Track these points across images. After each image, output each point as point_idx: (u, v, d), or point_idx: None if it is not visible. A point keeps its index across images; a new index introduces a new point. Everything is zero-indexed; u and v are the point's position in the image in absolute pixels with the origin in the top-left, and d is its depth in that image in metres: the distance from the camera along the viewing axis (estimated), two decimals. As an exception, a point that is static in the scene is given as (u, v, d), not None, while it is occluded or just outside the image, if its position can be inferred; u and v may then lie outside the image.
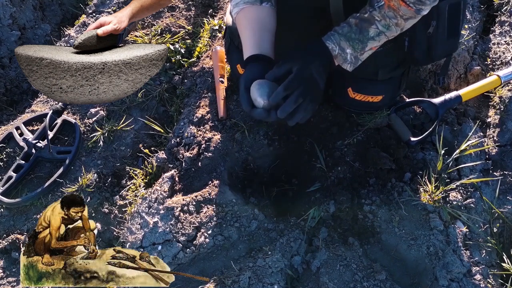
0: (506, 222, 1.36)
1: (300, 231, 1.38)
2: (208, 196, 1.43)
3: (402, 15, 1.23)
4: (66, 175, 1.61)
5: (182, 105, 1.76)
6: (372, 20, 1.25)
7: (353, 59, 1.28)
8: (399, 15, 1.23)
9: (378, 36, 1.26)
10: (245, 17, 1.33)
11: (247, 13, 1.33)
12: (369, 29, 1.25)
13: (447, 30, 1.42)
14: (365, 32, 1.25)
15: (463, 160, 1.46)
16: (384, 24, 1.25)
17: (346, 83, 1.52)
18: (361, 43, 1.26)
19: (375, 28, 1.25)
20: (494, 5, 1.96)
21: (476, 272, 1.25)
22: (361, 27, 1.26)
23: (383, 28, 1.25)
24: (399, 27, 1.26)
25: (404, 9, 1.21)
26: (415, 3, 1.20)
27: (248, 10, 1.32)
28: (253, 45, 1.29)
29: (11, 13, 2.12)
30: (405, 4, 1.21)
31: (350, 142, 1.54)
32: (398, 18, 1.24)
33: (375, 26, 1.25)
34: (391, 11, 1.23)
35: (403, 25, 1.26)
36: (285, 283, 1.27)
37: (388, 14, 1.23)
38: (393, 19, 1.24)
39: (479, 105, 1.68)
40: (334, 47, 1.26)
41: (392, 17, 1.24)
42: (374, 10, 1.25)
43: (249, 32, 1.31)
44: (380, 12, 1.24)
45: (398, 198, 1.39)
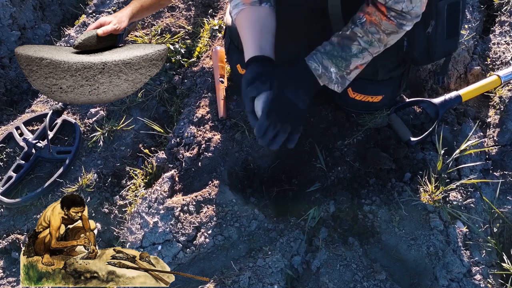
0: (506, 222, 1.36)
1: (300, 231, 1.38)
2: (208, 196, 1.43)
3: (384, 30, 1.22)
4: (66, 175, 1.61)
5: (182, 105, 1.76)
6: (354, 36, 1.24)
7: (339, 78, 1.28)
8: (381, 30, 1.22)
9: (361, 53, 1.25)
10: (245, 18, 1.33)
11: (247, 14, 1.33)
12: (351, 46, 1.25)
13: (447, 29, 1.41)
14: (347, 49, 1.25)
15: (463, 160, 1.46)
16: (367, 40, 1.24)
17: None
18: (344, 61, 1.26)
19: (358, 45, 1.25)
20: (494, 5, 1.96)
21: (476, 272, 1.25)
22: (343, 44, 1.25)
23: (366, 44, 1.24)
24: (382, 43, 1.25)
25: (386, 23, 1.21)
26: (396, 17, 1.20)
27: (247, 11, 1.32)
28: (254, 46, 1.29)
29: (11, 13, 2.12)
30: (386, 18, 1.20)
31: (350, 142, 1.54)
32: (380, 33, 1.23)
33: (357, 43, 1.24)
34: (373, 26, 1.23)
35: (386, 40, 1.25)
36: (285, 283, 1.27)
37: (370, 29, 1.23)
38: (375, 35, 1.23)
39: (479, 105, 1.68)
40: (317, 66, 1.26)
41: (374, 32, 1.23)
42: (356, 26, 1.24)
43: (250, 33, 1.31)
44: (362, 28, 1.23)
45: (398, 198, 1.39)
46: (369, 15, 1.22)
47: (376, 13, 1.21)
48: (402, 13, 1.18)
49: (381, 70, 1.46)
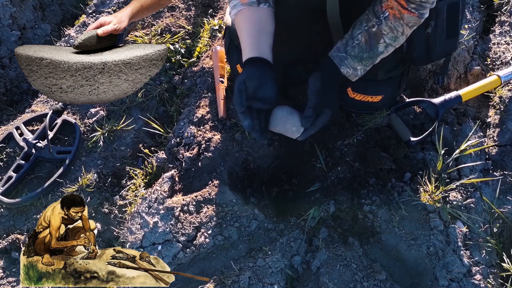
0: (506, 222, 1.36)
1: (300, 231, 1.38)
2: (208, 196, 1.43)
3: (407, 22, 1.23)
4: (66, 175, 1.61)
5: (182, 105, 1.76)
6: (380, 34, 1.26)
7: (362, 72, 1.34)
8: (404, 23, 1.23)
9: (386, 48, 1.29)
10: (243, 19, 1.33)
11: (245, 15, 1.33)
12: (378, 45, 1.28)
13: (446, 29, 1.42)
14: (375, 49, 1.29)
15: (463, 160, 1.46)
16: (392, 36, 1.26)
17: (346, 83, 1.52)
18: (371, 59, 1.31)
19: (383, 43, 1.28)
20: (494, 5, 1.96)
21: (476, 272, 1.25)
22: (370, 44, 1.28)
23: (391, 40, 1.27)
24: (405, 35, 1.28)
25: (408, 16, 1.22)
26: (417, 8, 1.20)
27: (246, 11, 1.32)
28: (251, 47, 1.29)
29: (11, 13, 2.12)
30: (408, 11, 1.21)
31: (350, 142, 1.54)
32: (404, 26, 1.24)
33: (383, 41, 1.27)
34: (397, 20, 1.23)
35: (408, 32, 1.27)
36: (285, 283, 1.27)
37: (395, 24, 1.24)
38: (399, 29, 1.25)
39: (479, 105, 1.68)
40: (348, 71, 1.33)
41: (398, 26, 1.24)
42: (381, 23, 1.25)
43: (248, 34, 1.31)
44: (387, 24, 1.24)
45: (398, 198, 1.39)
46: (391, 9, 1.22)
47: (396, 7, 1.22)
48: (421, 3, 1.19)
49: (381, 70, 1.46)
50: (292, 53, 1.48)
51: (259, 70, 1.27)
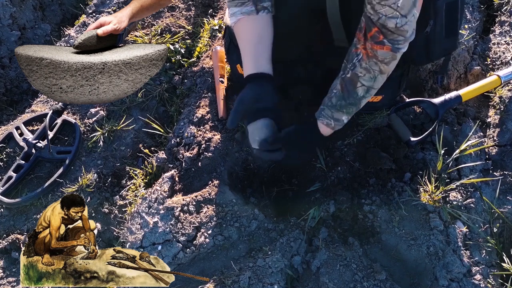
0: (506, 222, 1.36)
1: (300, 231, 1.38)
2: (208, 196, 1.43)
3: (382, 59, 1.19)
4: (66, 175, 1.61)
5: (182, 105, 1.76)
6: (356, 78, 1.23)
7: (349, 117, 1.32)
8: (379, 61, 1.19)
9: (367, 92, 1.25)
10: (242, 29, 1.33)
11: (244, 25, 1.32)
12: (356, 89, 1.24)
13: (445, 28, 1.41)
14: (354, 95, 1.25)
15: (463, 160, 1.46)
16: (369, 77, 1.22)
17: None
18: (354, 106, 1.27)
19: (361, 86, 1.24)
20: (494, 5, 1.96)
21: (476, 272, 1.25)
22: (347, 90, 1.25)
23: (369, 82, 1.23)
24: (385, 73, 1.23)
25: (381, 52, 1.17)
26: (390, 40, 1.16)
27: (244, 21, 1.31)
28: (250, 63, 1.30)
29: (11, 13, 2.12)
30: (379, 45, 1.16)
31: (350, 142, 1.54)
32: (379, 64, 1.20)
33: (360, 84, 1.23)
34: (371, 59, 1.20)
35: (387, 70, 1.22)
36: (285, 283, 1.27)
37: (369, 64, 1.20)
38: (375, 68, 1.21)
39: (479, 105, 1.68)
40: (328, 121, 1.31)
41: (373, 65, 1.20)
42: (355, 66, 1.22)
43: (247, 49, 1.32)
44: (362, 65, 1.21)
45: (398, 198, 1.39)
46: (365, 49, 1.19)
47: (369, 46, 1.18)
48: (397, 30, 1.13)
49: None
50: (292, 53, 1.48)
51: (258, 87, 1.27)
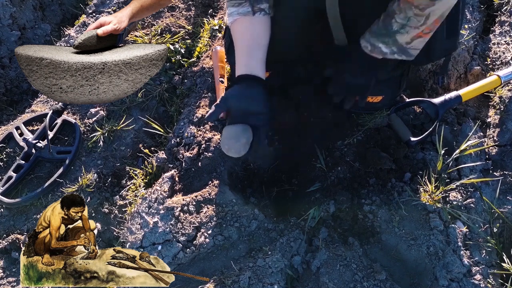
0: (506, 222, 1.36)
1: (300, 231, 1.38)
2: (208, 196, 1.43)
3: (417, 5, 1.20)
4: (66, 175, 1.61)
5: (182, 105, 1.76)
6: (392, 14, 1.26)
7: (394, 49, 1.32)
8: (413, 5, 1.21)
9: (402, 28, 1.27)
10: (238, 30, 1.34)
11: (240, 25, 1.33)
12: (391, 23, 1.27)
13: (446, 29, 1.41)
14: (389, 27, 1.28)
15: (463, 160, 1.46)
16: (404, 17, 1.24)
17: None
18: (389, 37, 1.29)
19: (396, 22, 1.26)
20: (494, 5, 1.96)
21: (476, 272, 1.25)
22: (384, 21, 1.28)
23: (403, 20, 1.25)
24: (421, 17, 1.23)
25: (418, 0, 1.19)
26: None
27: (241, 22, 1.32)
28: (242, 64, 1.30)
29: (11, 13, 2.12)
30: None
31: (350, 142, 1.54)
32: (413, 9, 1.21)
33: (395, 20, 1.26)
34: (406, 3, 1.22)
35: (423, 15, 1.22)
36: (285, 283, 1.27)
37: (405, 6, 1.22)
38: (409, 12, 1.22)
39: (479, 105, 1.68)
40: (365, 44, 1.34)
41: (408, 9, 1.22)
42: (393, 3, 1.25)
43: (240, 48, 1.32)
44: (399, 6, 1.24)
45: (398, 198, 1.39)
46: None
47: None
48: None
49: (380, 71, 1.46)
50: (292, 53, 1.48)
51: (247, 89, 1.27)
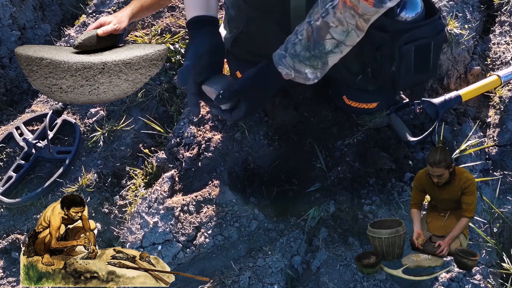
0: (506, 222, 1.36)
1: (300, 231, 1.38)
2: (208, 196, 1.43)
3: (362, 14, 1.00)
4: (66, 175, 1.61)
5: (182, 105, 1.76)
6: (326, 28, 1.03)
7: (317, 74, 1.13)
8: (358, 13, 1.00)
9: (337, 47, 1.06)
10: None
11: None
12: (324, 41, 1.05)
13: (415, 66, 1.29)
14: (320, 47, 1.05)
15: (463, 160, 1.46)
16: (342, 31, 1.03)
17: (341, 91, 1.52)
18: (319, 60, 1.08)
19: (331, 39, 1.04)
20: (494, 5, 1.96)
21: (476, 272, 1.25)
22: (313, 40, 1.05)
23: (341, 36, 1.04)
24: (361, 30, 1.04)
25: (364, 5, 0.98)
26: None
27: None
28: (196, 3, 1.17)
29: (11, 13, 2.12)
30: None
31: (350, 142, 1.54)
32: (356, 18, 1.01)
33: (330, 36, 1.04)
34: (347, 10, 1.00)
35: (364, 27, 1.04)
36: (285, 283, 1.27)
37: (345, 15, 1.01)
38: (350, 21, 1.01)
39: (479, 105, 1.68)
40: (289, 72, 1.11)
41: (349, 18, 1.01)
42: (327, 14, 1.02)
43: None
44: (335, 15, 1.01)
45: (398, 198, 1.39)
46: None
47: None
48: None
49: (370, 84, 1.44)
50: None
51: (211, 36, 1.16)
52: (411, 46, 1.26)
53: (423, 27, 1.26)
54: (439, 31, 1.28)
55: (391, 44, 1.24)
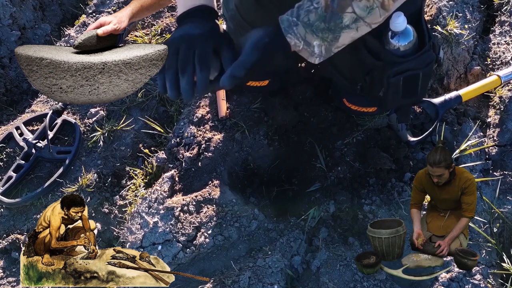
0: (506, 222, 1.36)
1: (300, 231, 1.38)
2: (208, 196, 1.43)
3: None
4: (66, 175, 1.61)
5: (182, 105, 1.76)
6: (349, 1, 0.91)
7: (322, 51, 0.98)
8: None
9: (355, 23, 0.94)
10: None
11: None
12: (343, 14, 0.92)
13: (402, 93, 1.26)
14: (337, 20, 0.93)
15: (463, 160, 1.46)
16: (366, 6, 0.92)
17: (341, 93, 1.52)
18: (331, 33, 0.95)
19: (351, 13, 0.92)
20: (494, 5, 1.96)
21: (476, 272, 1.25)
22: (332, 11, 0.92)
23: (363, 11, 0.92)
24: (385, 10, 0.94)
25: None
26: None
27: None
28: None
29: (11, 13, 2.12)
30: None
31: (350, 142, 1.54)
32: None
33: (351, 10, 0.92)
34: None
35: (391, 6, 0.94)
36: (285, 283, 1.27)
37: None
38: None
39: (479, 105, 1.68)
40: (298, 43, 0.97)
41: None
42: None
43: None
44: None
45: (398, 198, 1.39)
46: None
47: None
48: None
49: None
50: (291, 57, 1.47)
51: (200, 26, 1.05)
52: (399, 77, 1.22)
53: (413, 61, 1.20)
54: (429, 62, 1.22)
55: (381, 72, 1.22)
